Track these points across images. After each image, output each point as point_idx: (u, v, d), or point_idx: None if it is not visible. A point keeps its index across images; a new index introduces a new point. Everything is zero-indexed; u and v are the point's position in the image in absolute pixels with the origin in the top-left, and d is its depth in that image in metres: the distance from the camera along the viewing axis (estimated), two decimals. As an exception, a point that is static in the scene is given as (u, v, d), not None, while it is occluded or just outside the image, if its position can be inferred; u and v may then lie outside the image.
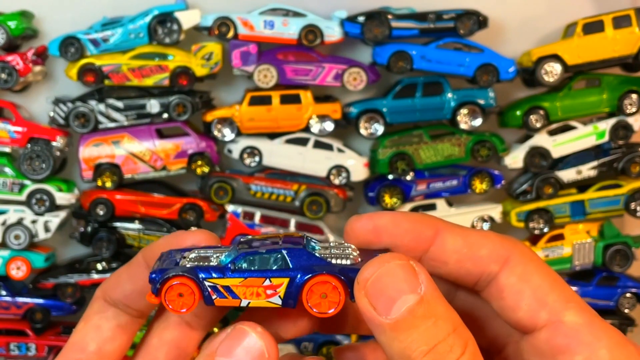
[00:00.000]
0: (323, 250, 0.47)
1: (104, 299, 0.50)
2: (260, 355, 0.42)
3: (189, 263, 0.47)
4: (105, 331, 0.49)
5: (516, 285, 0.45)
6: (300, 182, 1.98)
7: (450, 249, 0.47)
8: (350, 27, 1.89)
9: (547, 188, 2.00)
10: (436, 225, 0.47)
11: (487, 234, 0.48)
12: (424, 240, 0.47)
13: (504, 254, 0.46)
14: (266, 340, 0.43)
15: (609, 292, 2.06)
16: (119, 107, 1.92)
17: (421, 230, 0.47)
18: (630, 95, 1.96)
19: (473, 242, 0.47)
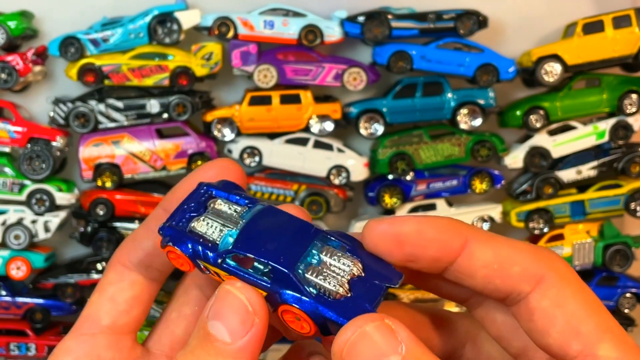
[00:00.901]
0: (314, 271, 0.43)
1: (121, 263, 0.48)
2: (244, 310, 0.41)
3: (198, 223, 0.45)
4: (120, 303, 0.47)
5: (548, 310, 0.41)
6: (300, 182, 1.98)
7: (479, 263, 0.43)
8: (350, 27, 1.89)
9: (547, 188, 2.00)
10: (464, 235, 0.43)
11: (521, 247, 0.43)
12: (451, 251, 0.43)
13: (538, 272, 0.42)
14: (247, 293, 0.42)
15: (609, 292, 2.06)
16: (119, 107, 1.92)
17: (447, 240, 0.43)
18: (630, 95, 1.96)
19: (504, 256, 0.43)
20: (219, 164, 0.49)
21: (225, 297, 0.41)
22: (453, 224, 0.43)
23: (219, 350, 0.41)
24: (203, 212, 0.46)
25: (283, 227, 0.44)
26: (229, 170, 0.49)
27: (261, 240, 0.43)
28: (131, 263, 0.47)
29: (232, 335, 0.41)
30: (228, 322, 0.41)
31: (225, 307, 0.41)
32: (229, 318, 0.41)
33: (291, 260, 0.42)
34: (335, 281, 0.42)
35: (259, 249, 0.43)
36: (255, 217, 0.45)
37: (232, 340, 0.41)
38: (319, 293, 0.42)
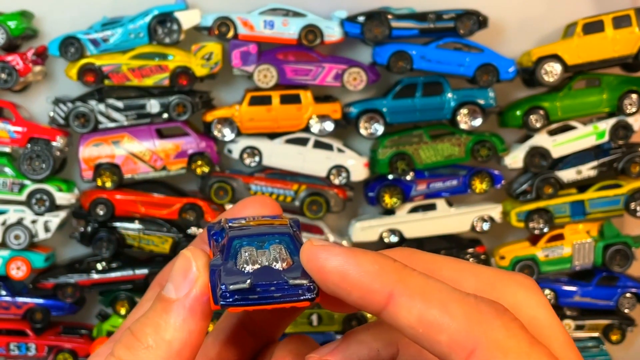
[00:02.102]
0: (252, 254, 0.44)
1: (160, 284, 0.47)
2: (189, 268, 0.42)
3: None
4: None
5: None
6: (300, 182, 1.98)
7: (404, 322, 0.37)
8: (350, 27, 1.89)
9: (547, 188, 2.00)
10: (389, 286, 0.38)
11: (453, 308, 0.37)
12: (372, 303, 0.38)
13: (469, 344, 0.36)
14: (195, 254, 0.43)
15: (609, 292, 2.06)
16: (119, 107, 1.92)
17: (370, 290, 0.38)
18: (630, 95, 1.96)
19: (432, 320, 0.37)
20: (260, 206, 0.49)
21: (177, 259, 0.43)
22: (380, 270, 0.38)
23: (164, 307, 0.42)
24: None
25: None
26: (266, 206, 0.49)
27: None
28: None
29: (176, 291, 0.42)
30: (175, 280, 0.42)
31: (175, 268, 0.43)
32: (176, 276, 0.42)
33: None
34: (254, 259, 0.43)
35: None
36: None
37: (176, 295, 0.42)
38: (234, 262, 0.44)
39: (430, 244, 2.03)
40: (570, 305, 2.08)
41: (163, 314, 0.42)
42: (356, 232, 2.00)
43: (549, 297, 2.04)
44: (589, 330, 2.07)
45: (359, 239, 2.01)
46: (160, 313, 0.42)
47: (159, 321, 0.42)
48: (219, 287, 0.41)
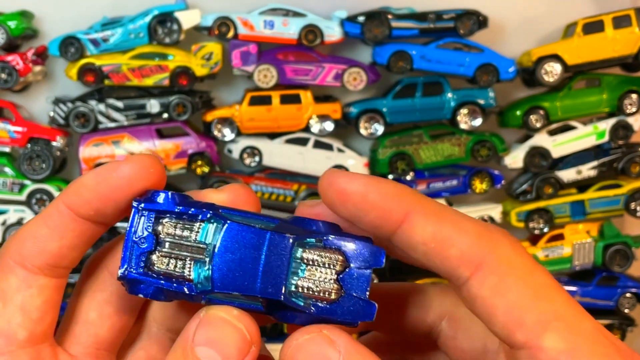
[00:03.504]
0: (303, 283, 0.41)
1: (22, 266, 0.41)
2: (242, 338, 0.39)
3: (158, 260, 0.41)
4: (32, 312, 0.41)
5: (489, 299, 0.38)
6: (300, 182, 1.98)
7: (418, 239, 0.39)
8: (350, 27, 1.89)
9: (547, 188, 2.00)
10: (407, 206, 0.39)
11: (466, 227, 0.39)
12: (389, 221, 0.40)
13: (477, 257, 0.38)
14: (245, 321, 0.40)
15: (609, 292, 2.06)
16: (119, 107, 1.92)
17: (388, 208, 0.39)
18: (630, 95, 1.96)
19: (444, 236, 0.39)
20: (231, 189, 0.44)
21: (220, 325, 0.39)
22: (398, 192, 0.40)
23: None
24: (154, 241, 0.41)
25: (255, 244, 0.41)
26: (242, 196, 0.44)
27: (240, 268, 0.40)
28: (35, 266, 0.41)
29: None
30: (223, 349, 0.39)
31: (220, 335, 0.39)
32: (225, 346, 0.39)
33: (278, 282, 0.40)
34: (326, 286, 0.41)
35: (242, 283, 0.40)
36: (222, 240, 0.41)
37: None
38: (316, 303, 0.41)
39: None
40: (570, 305, 2.08)
41: None
42: (356, 232, 2.00)
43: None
44: (589, 330, 2.07)
45: (359, 239, 2.01)
46: None
47: None
48: None
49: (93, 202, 0.41)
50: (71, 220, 0.41)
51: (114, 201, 0.41)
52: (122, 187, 0.41)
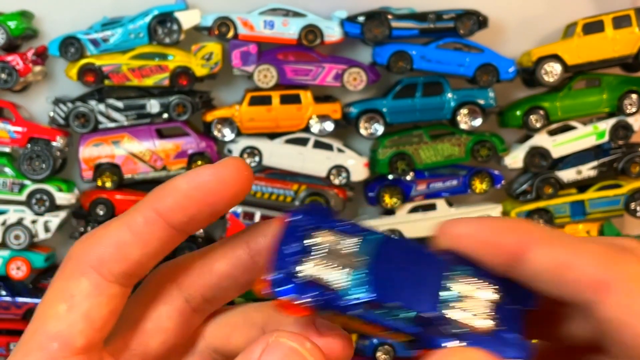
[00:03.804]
0: (457, 308, 0.39)
1: (98, 272, 0.39)
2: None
3: (313, 267, 0.39)
4: (96, 321, 0.39)
5: (622, 321, 0.35)
6: (300, 182, 1.98)
7: (537, 269, 0.38)
8: (350, 27, 1.89)
9: (547, 188, 2.00)
10: (521, 238, 0.38)
11: (586, 248, 0.37)
12: (506, 256, 0.38)
13: (602, 279, 0.36)
14: (316, 356, 0.37)
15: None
16: (119, 107, 1.92)
17: (502, 244, 0.39)
18: (630, 95, 1.96)
19: (564, 261, 0.37)
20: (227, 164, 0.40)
21: (289, 354, 0.36)
22: (512, 226, 0.39)
23: None
24: (307, 249, 0.39)
25: (408, 260, 0.40)
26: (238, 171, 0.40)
27: (396, 281, 0.39)
28: (112, 273, 0.39)
29: None
30: None
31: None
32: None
33: (433, 301, 0.39)
34: (481, 315, 0.39)
35: (400, 294, 0.38)
36: (378, 252, 0.39)
37: None
38: (468, 334, 0.39)
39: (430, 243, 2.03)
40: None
41: None
42: (356, 232, 2.00)
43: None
44: (589, 330, 2.07)
45: (359, 239, 2.01)
46: None
47: None
48: None
49: (188, 208, 0.39)
50: (159, 227, 0.39)
51: (210, 206, 0.39)
52: (218, 191, 0.39)
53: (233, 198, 0.39)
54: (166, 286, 0.42)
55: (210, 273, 0.41)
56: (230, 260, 0.40)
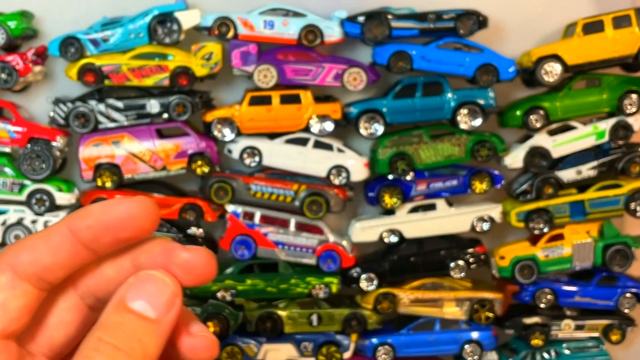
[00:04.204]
0: None
1: (13, 270, 0.47)
2: (170, 291, 0.46)
3: None
4: (11, 311, 0.46)
5: None
6: (300, 182, 1.98)
7: None
8: (350, 27, 1.89)
9: (547, 188, 2.00)
10: None
11: None
12: None
13: None
14: (171, 278, 0.46)
15: (609, 292, 2.06)
16: (119, 107, 1.92)
17: None
18: (630, 95, 1.96)
19: None
20: (133, 209, 0.47)
21: (151, 280, 0.46)
22: None
23: (144, 325, 0.45)
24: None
25: None
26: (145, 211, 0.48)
27: None
28: (25, 274, 0.47)
29: (157, 312, 0.45)
30: (154, 300, 0.45)
31: (152, 289, 0.46)
32: (156, 297, 0.45)
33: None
34: None
35: None
36: None
37: (158, 316, 0.45)
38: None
39: (430, 244, 2.03)
40: (570, 305, 2.08)
41: (143, 332, 0.45)
42: (356, 232, 2.00)
43: (549, 297, 2.04)
44: (589, 330, 2.07)
45: (359, 239, 2.01)
46: (138, 330, 0.45)
47: (142, 338, 0.45)
48: None
49: (94, 228, 0.46)
50: (69, 242, 0.46)
51: (113, 231, 0.47)
52: (123, 220, 0.46)
53: (137, 231, 0.47)
54: (65, 286, 0.50)
55: (100, 277, 0.49)
56: (116, 268, 0.48)
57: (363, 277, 2.01)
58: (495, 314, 2.04)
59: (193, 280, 0.47)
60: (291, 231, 1.99)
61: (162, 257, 0.47)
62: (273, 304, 2.02)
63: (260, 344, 2.01)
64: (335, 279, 2.00)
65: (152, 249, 0.48)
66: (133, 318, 0.45)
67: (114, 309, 0.45)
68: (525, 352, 2.09)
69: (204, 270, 0.47)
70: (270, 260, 2.01)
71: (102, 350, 0.44)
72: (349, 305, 2.05)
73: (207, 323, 1.99)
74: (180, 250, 0.47)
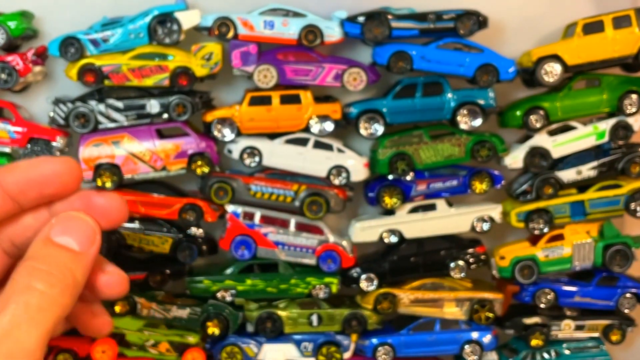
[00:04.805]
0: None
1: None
2: (91, 228, 0.52)
3: None
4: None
5: None
6: (300, 182, 1.98)
7: None
8: (350, 27, 1.89)
9: (547, 188, 2.00)
10: None
11: None
12: None
13: None
14: (91, 217, 0.52)
15: (609, 292, 2.06)
16: (119, 107, 1.92)
17: None
18: (630, 96, 1.96)
19: None
20: (58, 168, 0.53)
21: (74, 219, 0.52)
22: None
23: (71, 256, 0.51)
24: None
25: None
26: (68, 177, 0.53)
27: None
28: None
29: (81, 245, 0.51)
30: (78, 236, 0.51)
31: (74, 226, 0.52)
32: (79, 233, 0.52)
33: None
34: None
35: None
36: None
37: (81, 249, 0.51)
38: None
39: (430, 244, 2.03)
40: (570, 306, 2.08)
41: (69, 262, 0.51)
42: (356, 232, 2.00)
43: (550, 297, 2.04)
44: (589, 330, 2.07)
45: (359, 239, 2.01)
46: (63, 261, 0.50)
47: (70, 266, 0.50)
48: None
49: (21, 183, 0.52)
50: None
51: (38, 186, 0.52)
52: (48, 176, 0.52)
53: (61, 188, 0.53)
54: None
55: (19, 225, 0.54)
56: (35, 217, 0.54)
57: (363, 277, 2.01)
58: (495, 314, 2.04)
59: (108, 223, 0.53)
60: (291, 231, 1.99)
61: (79, 203, 0.53)
62: (273, 304, 2.02)
63: (260, 344, 2.01)
64: (335, 279, 2.00)
65: (69, 198, 0.54)
66: (60, 250, 0.51)
67: (42, 243, 0.51)
68: (525, 352, 2.09)
69: (118, 213, 0.53)
70: (270, 260, 2.01)
71: (37, 275, 0.49)
72: (349, 305, 2.05)
73: (207, 323, 1.99)
74: (95, 196, 0.53)
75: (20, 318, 0.49)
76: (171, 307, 1.99)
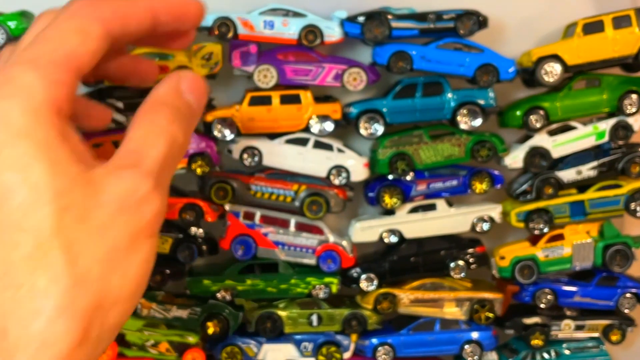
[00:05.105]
0: None
1: (104, 27, 0.54)
2: (206, 97, 0.58)
3: None
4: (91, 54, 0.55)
5: None
6: (300, 182, 1.98)
7: None
8: (350, 27, 1.89)
9: (547, 188, 2.00)
10: None
11: None
12: None
13: None
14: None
15: (609, 292, 2.06)
16: (119, 107, 1.92)
17: None
18: (630, 96, 1.96)
19: None
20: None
21: (197, 79, 0.58)
22: None
23: (191, 114, 0.57)
24: None
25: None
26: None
27: None
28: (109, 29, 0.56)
29: (198, 106, 0.57)
30: (197, 97, 0.57)
31: (197, 87, 0.57)
32: (200, 95, 0.57)
33: None
34: None
35: None
36: None
37: (198, 110, 0.57)
38: None
39: (430, 244, 2.03)
40: (570, 306, 2.08)
41: (193, 118, 0.57)
42: (356, 232, 2.00)
43: (549, 297, 2.04)
44: (589, 330, 2.07)
45: (359, 239, 2.01)
46: (190, 116, 0.57)
47: (190, 121, 0.56)
48: None
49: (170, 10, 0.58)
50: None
51: (176, 14, 0.58)
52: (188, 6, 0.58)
53: (193, 20, 0.59)
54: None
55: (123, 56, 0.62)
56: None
57: (363, 277, 2.01)
58: (495, 314, 2.04)
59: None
60: (291, 231, 1.99)
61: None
62: (273, 304, 2.02)
63: (260, 344, 2.01)
64: (335, 279, 2.00)
65: None
66: (186, 106, 0.56)
67: (175, 94, 0.57)
68: (525, 352, 2.09)
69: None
70: (270, 260, 2.01)
71: (166, 112, 0.55)
72: (349, 305, 2.05)
73: (207, 323, 1.99)
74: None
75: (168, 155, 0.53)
76: (171, 307, 1.99)
